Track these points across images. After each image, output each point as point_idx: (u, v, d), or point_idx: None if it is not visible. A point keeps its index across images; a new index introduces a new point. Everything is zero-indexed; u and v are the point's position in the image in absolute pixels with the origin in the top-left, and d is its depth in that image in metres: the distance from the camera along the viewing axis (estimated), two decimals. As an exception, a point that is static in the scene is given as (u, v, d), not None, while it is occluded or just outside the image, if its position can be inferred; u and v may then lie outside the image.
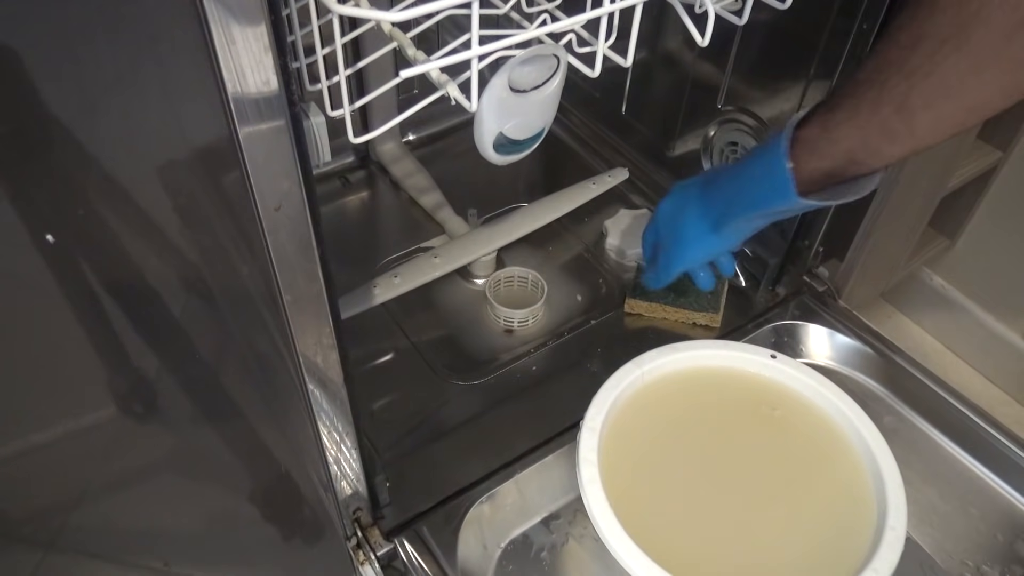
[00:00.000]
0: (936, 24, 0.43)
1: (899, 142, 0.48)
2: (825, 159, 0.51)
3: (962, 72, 0.43)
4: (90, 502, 0.50)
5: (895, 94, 0.46)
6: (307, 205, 0.39)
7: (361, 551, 0.62)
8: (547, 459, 0.68)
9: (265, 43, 0.33)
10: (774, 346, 0.77)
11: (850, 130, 0.49)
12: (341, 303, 0.75)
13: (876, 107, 0.47)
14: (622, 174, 0.94)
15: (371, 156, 0.99)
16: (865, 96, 0.47)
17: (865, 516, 0.58)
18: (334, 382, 0.49)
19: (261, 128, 0.35)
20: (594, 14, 0.44)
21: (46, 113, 0.32)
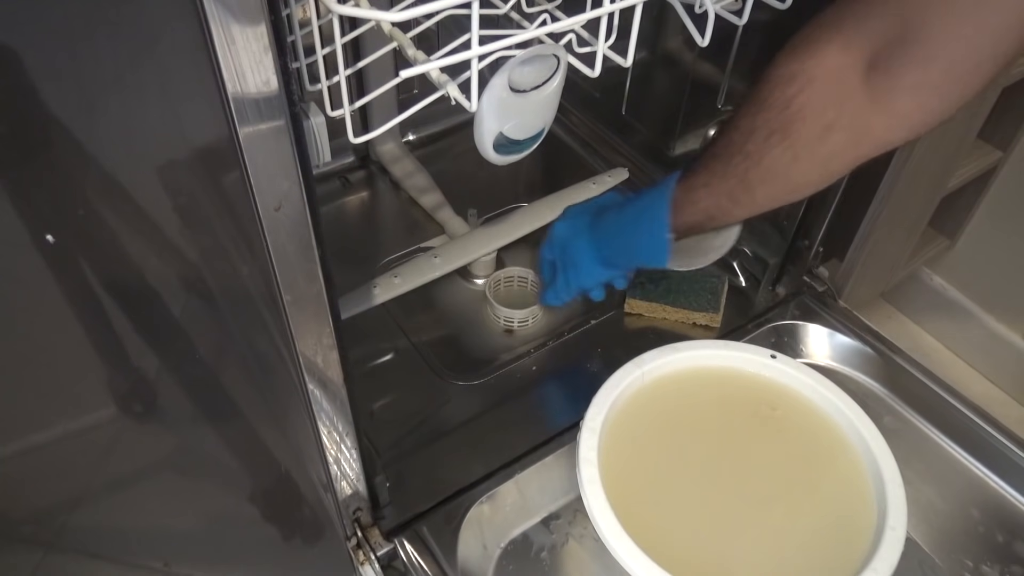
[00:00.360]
0: (766, 119, 0.52)
1: (743, 207, 0.57)
2: (688, 216, 0.60)
3: (786, 161, 0.52)
4: (90, 502, 0.50)
5: (738, 171, 0.55)
6: (307, 205, 0.39)
7: (361, 551, 0.62)
8: (547, 459, 0.68)
9: (265, 43, 0.33)
10: (774, 346, 0.77)
11: (706, 194, 0.58)
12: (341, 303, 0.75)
13: (724, 179, 0.56)
14: (622, 174, 0.94)
15: (371, 156, 0.99)
16: (716, 169, 0.57)
17: (865, 516, 0.58)
18: (334, 382, 0.49)
19: (261, 128, 0.35)
20: (594, 14, 0.44)
21: (46, 113, 0.32)
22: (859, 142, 0.50)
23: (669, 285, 0.82)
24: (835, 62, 0.49)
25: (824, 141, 0.50)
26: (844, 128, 0.50)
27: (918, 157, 0.78)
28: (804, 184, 0.54)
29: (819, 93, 0.49)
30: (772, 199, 0.56)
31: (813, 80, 0.49)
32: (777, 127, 0.51)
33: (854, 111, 0.49)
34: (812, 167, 0.52)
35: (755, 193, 0.55)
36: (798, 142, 0.51)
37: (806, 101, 0.50)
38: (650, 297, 0.82)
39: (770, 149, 0.52)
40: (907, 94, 0.47)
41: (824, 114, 0.50)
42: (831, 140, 0.50)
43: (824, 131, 0.50)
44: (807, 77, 0.50)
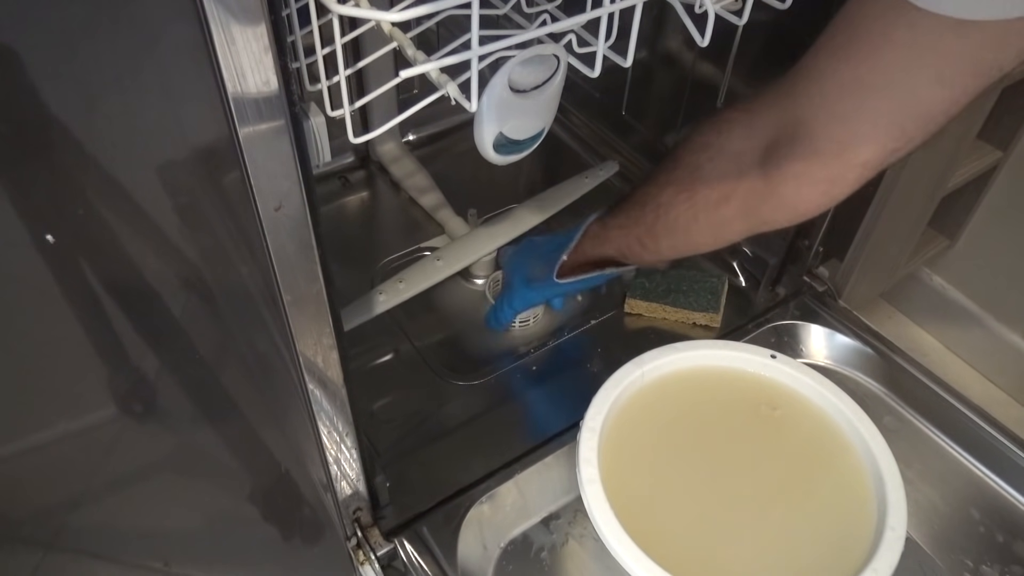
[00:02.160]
0: (679, 177, 0.58)
1: (649, 251, 0.63)
2: (600, 250, 0.66)
3: (687, 218, 0.58)
4: (90, 502, 0.50)
5: (648, 220, 0.60)
6: (307, 205, 0.39)
7: (361, 551, 0.62)
8: (547, 459, 0.68)
9: (265, 43, 0.33)
10: (774, 346, 0.77)
11: (620, 235, 0.64)
12: (349, 311, 0.76)
13: (636, 224, 0.62)
14: (612, 167, 0.95)
15: (371, 156, 0.99)
16: (630, 214, 0.62)
17: (865, 516, 0.58)
18: (334, 382, 0.49)
19: (261, 128, 0.35)
20: (594, 14, 0.44)
21: (46, 113, 0.32)
22: (747, 216, 0.56)
23: (669, 285, 0.82)
24: (739, 143, 0.55)
25: (719, 208, 0.56)
26: (736, 201, 0.55)
27: (918, 157, 0.78)
28: (701, 244, 0.60)
29: (723, 166, 0.55)
30: (673, 251, 0.62)
31: (721, 152, 0.56)
32: (685, 186, 0.58)
33: (747, 189, 0.55)
34: (707, 229, 0.58)
35: (660, 243, 0.61)
36: (699, 203, 0.57)
37: (712, 170, 0.56)
38: (650, 297, 0.82)
39: (677, 205, 0.58)
40: (792, 181, 0.52)
41: (723, 184, 0.55)
42: (725, 209, 0.56)
43: (720, 200, 0.56)
44: (717, 148, 0.56)
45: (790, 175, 0.52)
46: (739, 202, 0.55)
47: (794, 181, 0.52)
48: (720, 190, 0.55)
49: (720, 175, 0.55)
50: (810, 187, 0.52)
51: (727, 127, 0.56)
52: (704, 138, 0.57)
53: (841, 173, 0.50)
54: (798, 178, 0.52)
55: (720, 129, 0.56)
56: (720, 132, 0.56)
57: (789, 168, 0.51)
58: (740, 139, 0.54)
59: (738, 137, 0.55)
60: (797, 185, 0.52)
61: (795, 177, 0.52)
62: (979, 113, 0.89)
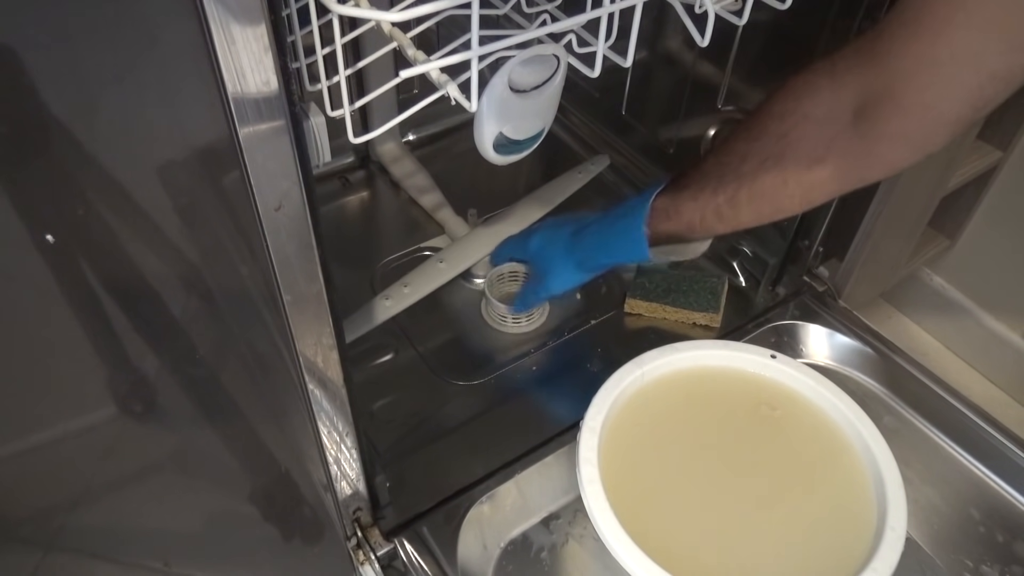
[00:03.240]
0: (762, 146, 0.58)
1: (725, 223, 0.62)
2: (670, 225, 0.64)
3: (776, 185, 0.58)
4: (90, 502, 0.50)
5: (729, 190, 0.60)
6: (307, 205, 0.39)
7: (361, 551, 0.62)
8: (547, 459, 0.68)
9: (265, 43, 0.33)
10: (774, 346, 0.77)
11: (692, 208, 0.63)
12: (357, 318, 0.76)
13: (714, 196, 0.61)
14: (603, 161, 0.96)
15: (371, 156, 0.99)
16: (707, 186, 0.61)
17: (865, 516, 0.58)
18: (334, 382, 0.49)
19: (261, 128, 0.35)
20: (594, 14, 0.44)
21: (46, 113, 0.32)
22: (843, 176, 0.56)
23: (669, 285, 0.82)
24: (826, 105, 0.55)
25: (812, 171, 0.56)
26: (831, 163, 0.56)
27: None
28: (788, 207, 0.60)
29: (812, 130, 0.56)
30: (755, 218, 0.61)
31: (807, 118, 0.56)
32: (771, 154, 0.57)
33: (840, 149, 0.55)
34: (798, 193, 0.58)
35: (740, 211, 0.61)
36: (789, 169, 0.57)
37: (800, 135, 0.56)
38: (650, 297, 0.82)
39: (764, 173, 0.58)
40: (887, 141, 0.53)
41: (815, 148, 0.56)
42: (818, 171, 0.56)
43: (813, 163, 0.56)
44: (802, 114, 0.56)
45: (885, 135, 0.53)
46: (833, 164, 0.56)
47: (889, 141, 0.53)
48: (812, 154, 0.56)
49: (811, 139, 0.56)
50: (904, 145, 0.53)
51: (808, 92, 0.56)
52: (784, 105, 0.57)
53: (933, 130, 0.52)
54: (893, 138, 0.53)
55: (800, 95, 0.56)
56: (800, 98, 0.56)
57: (884, 128, 0.53)
58: (825, 103, 0.55)
59: (822, 101, 0.55)
60: (892, 144, 0.53)
61: (890, 137, 0.53)
62: (979, 113, 0.89)
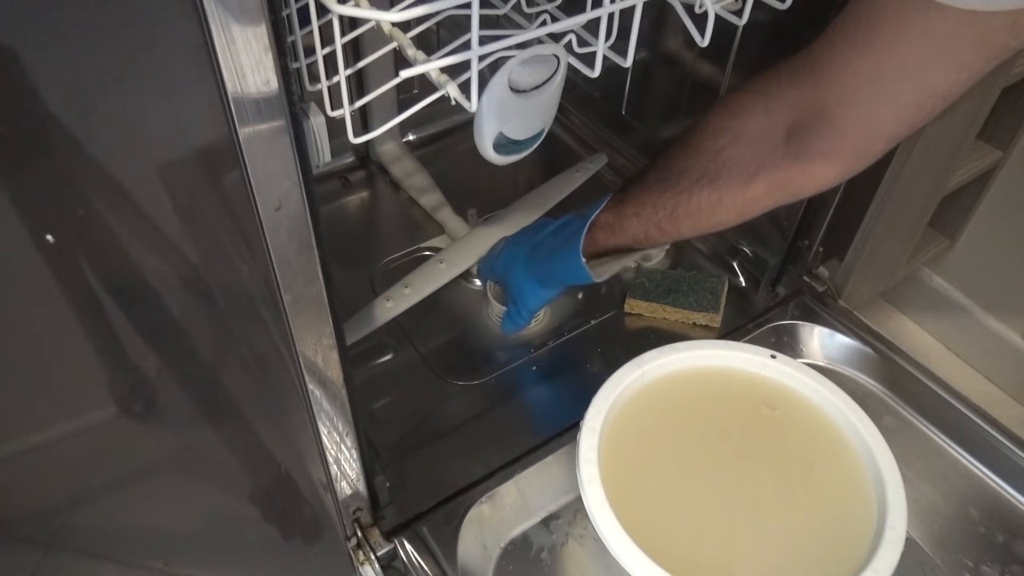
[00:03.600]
0: (697, 164, 0.59)
1: (668, 235, 0.63)
2: (616, 240, 0.66)
3: (711, 201, 0.59)
4: (90, 502, 0.50)
5: (668, 206, 0.61)
6: (307, 205, 0.39)
7: (361, 551, 0.62)
8: (547, 459, 0.68)
9: (265, 43, 0.33)
10: (774, 346, 0.77)
11: (635, 223, 0.64)
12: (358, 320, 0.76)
13: (654, 211, 0.62)
14: (601, 159, 0.96)
15: (371, 156, 0.99)
16: (647, 201, 0.63)
17: (865, 516, 0.58)
18: (334, 382, 0.49)
19: (261, 128, 0.35)
20: (594, 14, 0.44)
21: (46, 113, 0.32)
22: (775, 193, 0.58)
23: (669, 285, 0.82)
24: (760, 124, 0.56)
25: (745, 189, 0.58)
26: (763, 181, 0.57)
27: (918, 157, 0.78)
28: (724, 222, 0.61)
29: (745, 149, 0.56)
30: (694, 231, 0.63)
31: (740, 136, 0.56)
32: (706, 172, 0.58)
33: (773, 166, 0.56)
34: (733, 209, 0.59)
35: (680, 225, 0.62)
36: (723, 187, 0.58)
37: (733, 154, 0.57)
38: (650, 297, 0.82)
39: (699, 190, 0.59)
40: (818, 159, 0.54)
41: (748, 167, 0.57)
42: (751, 189, 0.57)
43: (746, 181, 0.57)
44: (736, 132, 0.57)
45: (818, 153, 0.54)
46: (766, 181, 0.57)
47: (822, 158, 0.54)
48: (745, 172, 0.57)
49: (744, 158, 0.57)
50: (838, 162, 0.54)
51: (742, 110, 0.56)
52: (719, 124, 0.57)
53: (867, 146, 0.53)
54: (826, 155, 0.54)
55: (734, 113, 0.57)
56: (735, 116, 0.57)
57: (817, 147, 0.53)
58: (759, 122, 0.56)
59: (756, 120, 0.56)
60: (825, 161, 0.54)
61: (823, 155, 0.54)
62: (979, 113, 0.89)
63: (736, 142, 0.57)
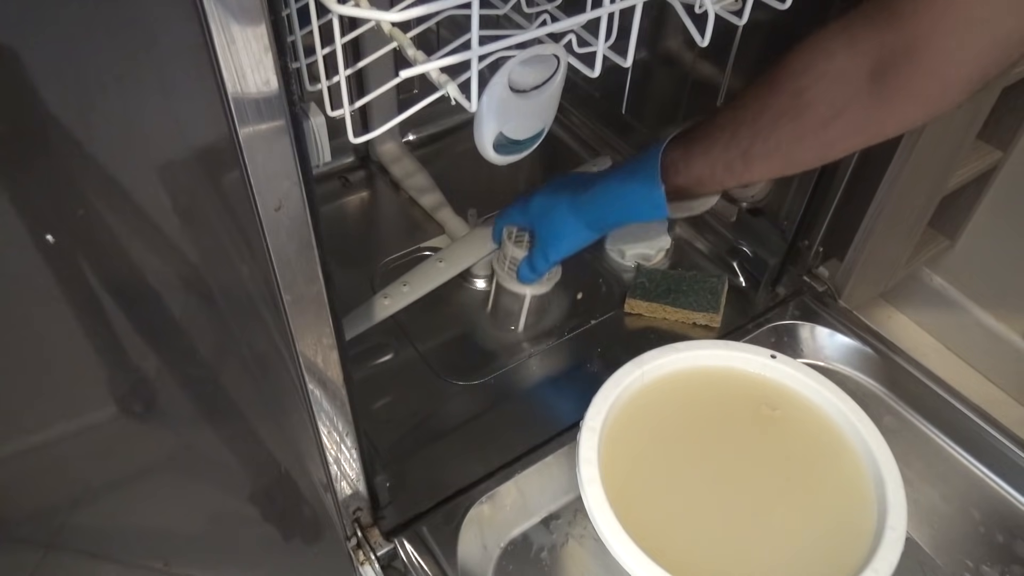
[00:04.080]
0: (777, 102, 0.58)
1: (736, 177, 0.62)
2: (679, 179, 0.64)
3: (790, 139, 0.58)
4: (90, 502, 0.50)
5: (742, 145, 0.60)
6: (307, 205, 0.39)
7: (361, 551, 0.62)
8: (547, 459, 0.68)
9: (265, 43, 0.33)
10: (774, 346, 0.77)
11: (703, 162, 0.62)
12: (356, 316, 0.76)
13: (726, 150, 0.61)
14: (605, 162, 0.96)
15: (371, 156, 0.99)
16: (719, 139, 0.61)
17: (865, 516, 0.58)
18: (334, 382, 0.49)
19: (261, 128, 0.35)
20: (594, 14, 0.44)
21: (46, 113, 0.32)
22: (859, 132, 0.57)
23: (669, 285, 0.82)
24: (844, 63, 0.55)
25: (827, 128, 0.57)
26: (846, 120, 0.56)
27: (918, 157, 0.78)
28: (802, 162, 0.60)
29: (828, 87, 0.56)
30: (766, 172, 0.62)
31: (824, 75, 0.56)
32: (787, 110, 0.57)
33: (858, 107, 0.55)
34: (813, 148, 0.58)
35: (753, 166, 0.60)
36: (805, 126, 0.57)
37: (816, 93, 0.56)
38: (650, 297, 0.82)
39: (778, 129, 0.58)
40: (903, 99, 0.54)
41: (831, 105, 0.56)
42: (834, 129, 0.57)
43: (829, 120, 0.56)
44: (819, 72, 0.56)
45: (903, 92, 0.54)
46: (849, 121, 0.56)
47: (906, 97, 0.54)
48: (828, 112, 0.56)
49: (827, 97, 0.56)
50: (922, 102, 0.54)
51: (825, 50, 0.56)
52: (800, 62, 0.57)
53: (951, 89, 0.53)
54: (911, 95, 0.54)
55: (817, 53, 0.56)
56: (818, 56, 0.56)
57: (902, 85, 0.53)
58: (843, 61, 0.55)
59: (840, 60, 0.55)
60: (909, 100, 0.54)
61: (908, 94, 0.54)
62: (979, 113, 0.89)
63: (820, 81, 0.56)
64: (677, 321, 0.81)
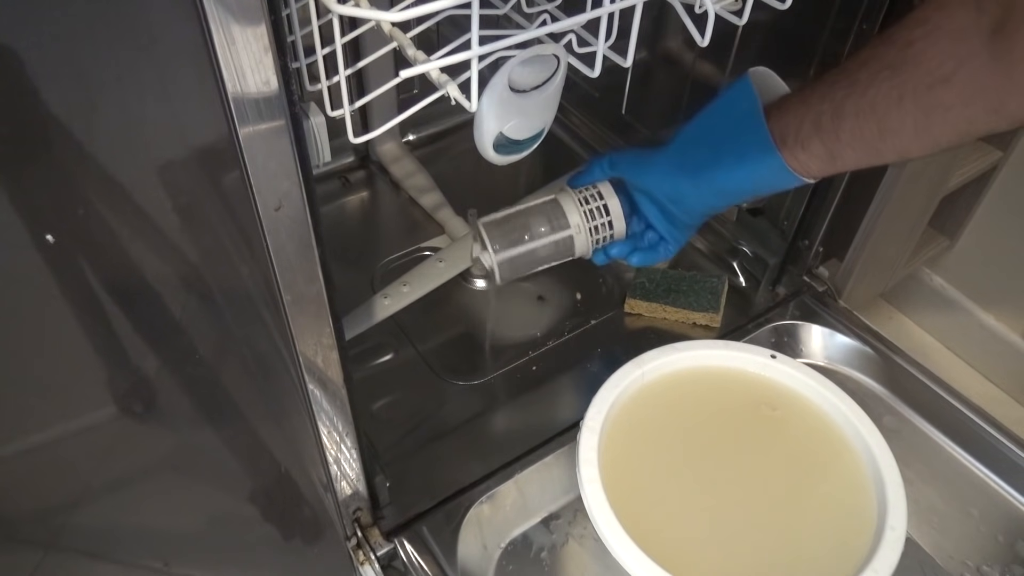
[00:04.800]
0: (883, 52, 0.51)
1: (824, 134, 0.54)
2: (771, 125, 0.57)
3: (888, 99, 0.51)
4: (90, 502, 0.50)
5: (837, 96, 0.53)
6: (307, 205, 0.39)
7: (361, 551, 0.62)
8: (547, 459, 0.68)
9: (265, 43, 0.33)
10: (774, 346, 0.77)
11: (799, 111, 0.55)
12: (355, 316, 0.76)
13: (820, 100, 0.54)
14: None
15: (371, 156, 0.99)
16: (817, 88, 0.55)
17: (865, 516, 0.58)
18: (334, 382, 0.49)
19: (261, 128, 0.35)
20: (594, 14, 0.44)
21: (46, 113, 0.32)
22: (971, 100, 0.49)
23: (669, 285, 0.82)
24: (965, 18, 0.48)
25: (934, 91, 0.50)
26: (958, 84, 0.49)
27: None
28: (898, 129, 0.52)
29: (942, 43, 0.49)
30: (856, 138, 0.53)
31: (938, 29, 0.49)
32: (890, 63, 0.51)
33: (972, 70, 0.48)
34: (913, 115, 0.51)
35: (843, 125, 0.53)
36: (906, 83, 0.50)
37: (927, 47, 0.50)
38: (650, 297, 0.82)
39: (877, 83, 0.51)
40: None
41: (941, 65, 0.49)
42: (941, 92, 0.50)
43: (937, 81, 0.49)
44: (934, 24, 0.49)
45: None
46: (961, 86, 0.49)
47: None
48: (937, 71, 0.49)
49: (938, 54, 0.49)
50: None
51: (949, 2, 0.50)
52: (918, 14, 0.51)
53: None
54: None
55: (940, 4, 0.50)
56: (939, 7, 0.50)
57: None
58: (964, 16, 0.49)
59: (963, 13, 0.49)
60: None
61: None
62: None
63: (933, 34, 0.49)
64: (677, 321, 0.81)
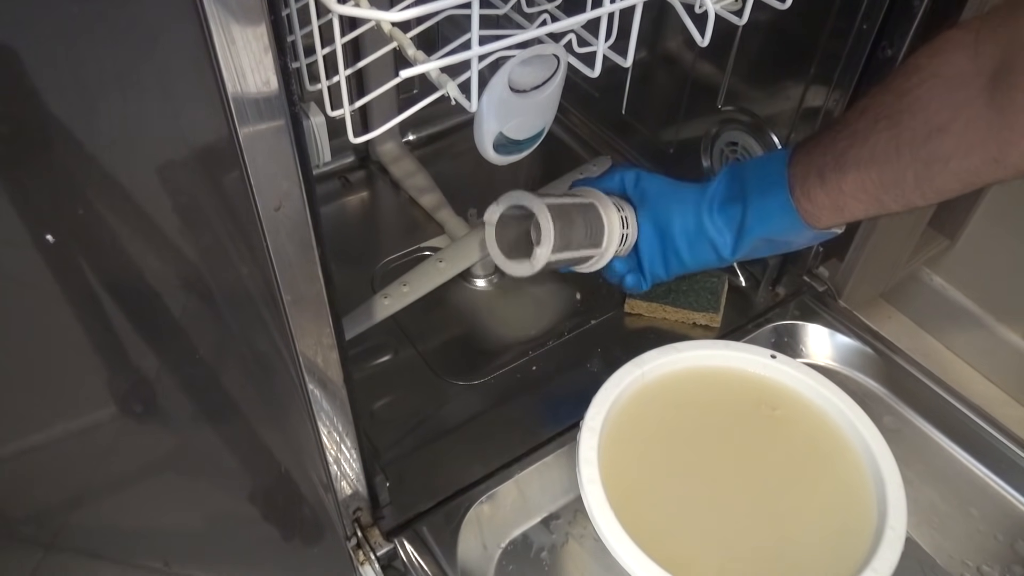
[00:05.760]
0: (881, 101, 0.51)
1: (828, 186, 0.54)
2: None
3: (888, 150, 0.51)
4: (90, 502, 0.50)
5: (839, 147, 0.53)
6: (307, 205, 0.39)
7: (361, 551, 0.62)
8: (547, 459, 0.68)
9: (265, 43, 0.33)
10: (774, 346, 0.77)
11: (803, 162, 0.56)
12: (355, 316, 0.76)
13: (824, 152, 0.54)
14: (605, 162, 0.96)
15: (371, 156, 0.99)
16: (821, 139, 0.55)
17: (865, 516, 0.58)
18: (334, 382, 0.49)
19: (261, 128, 0.35)
20: (594, 14, 0.44)
21: (46, 113, 0.32)
22: (970, 151, 0.48)
23: (669, 285, 0.82)
24: (962, 65, 0.48)
25: (931, 140, 0.49)
26: (955, 134, 0.48)
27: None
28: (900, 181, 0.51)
29: (937, 91, 0.48)
30: (859, 189, 0.53)
31: (935, 76, 0.49)
32: (888, 112, 0.50)
33: (969, 118, 0.47)
34: (912, 165, 0.50)
35: (845, 177, 0.52)
36: (903, 134, 0.50)
37: (923, 94, 0.49)
38: (650, 297, 0.82)
39: (876, 133, 0.51)
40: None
41: (938, 113, 0.48)
42: (939, 142, 0.49)
43: (934, 130, 0.49)
44: (930, 72, 0.49)
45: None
46: (959, 135, 0.48)
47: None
48: (933, 120, 0.48)
49: (934, 101, 0.48)
50: None
51: (945, 47, 0.48)
52: (915, 60, 0.50)
53: None
54: None
55: (937, 49, 0.49)
56: (936, 53, 0.49)
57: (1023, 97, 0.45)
58: (961, 62, 0.47)
59: (959, 59, 0.47)
60: None
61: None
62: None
63: (929, 82, 0.48)
64: (677, 321, 0.81)
